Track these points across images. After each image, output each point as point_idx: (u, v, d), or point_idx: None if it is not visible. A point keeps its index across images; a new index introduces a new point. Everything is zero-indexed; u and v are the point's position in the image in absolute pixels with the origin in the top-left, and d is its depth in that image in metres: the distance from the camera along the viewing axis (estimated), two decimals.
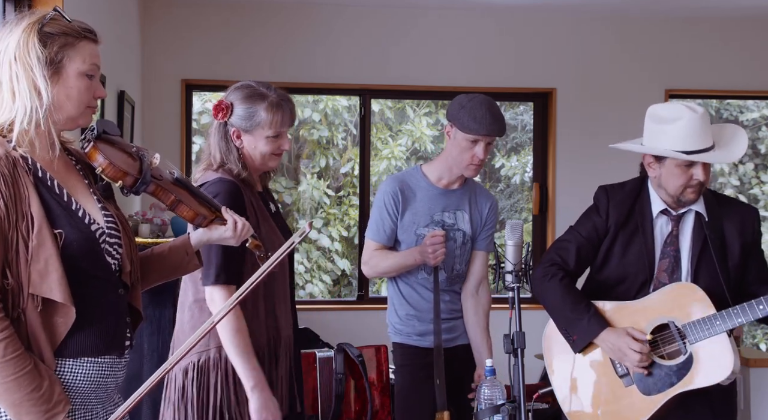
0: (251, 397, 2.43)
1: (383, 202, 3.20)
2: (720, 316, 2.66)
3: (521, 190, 8.20)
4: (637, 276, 2.82)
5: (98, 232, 1.87)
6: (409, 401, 3.20)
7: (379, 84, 5.83)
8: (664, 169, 2.76)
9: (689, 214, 2.83)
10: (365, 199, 5.94)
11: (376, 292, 6.32)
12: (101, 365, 1.87)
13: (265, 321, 2.52)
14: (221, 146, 2.58)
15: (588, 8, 5.76)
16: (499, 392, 2.54)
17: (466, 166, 3.13)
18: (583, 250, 2.88)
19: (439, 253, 3.05)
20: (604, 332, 2.76)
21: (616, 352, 2.75)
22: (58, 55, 1.84)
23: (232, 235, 2.10)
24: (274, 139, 2.58)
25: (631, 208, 2.86)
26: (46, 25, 1.84)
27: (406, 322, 3.23)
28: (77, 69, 1.86)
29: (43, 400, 1.75)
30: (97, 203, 1.93)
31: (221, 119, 2.58)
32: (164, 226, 4.43)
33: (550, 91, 5.95)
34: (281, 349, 2.55)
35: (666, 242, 2.82)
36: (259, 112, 2.55)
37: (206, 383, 2.48)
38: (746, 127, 8.89)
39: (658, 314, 2.76)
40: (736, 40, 6.01)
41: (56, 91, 1.85)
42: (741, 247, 2.80)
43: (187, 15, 5.65)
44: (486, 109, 3.05)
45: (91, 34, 1.91)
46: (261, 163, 2.61)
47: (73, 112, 1.88)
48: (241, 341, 2.42)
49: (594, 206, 2.93)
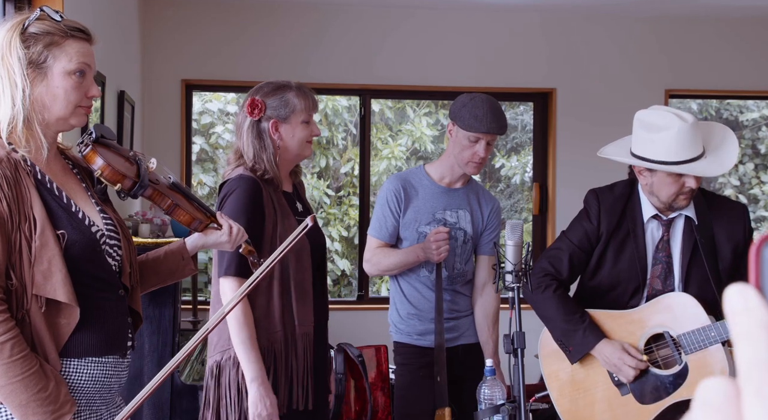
0: (249, 389, 2.46)
1: (386, 199, 3.22)
2: (715, 327, 2.65)
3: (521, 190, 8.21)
4: (630, 282, 2.82)
5: (98, 234, 1.88)
6: (408, 400, 3.21)
7: (379, 84, 5.83)
8: (656, 178, 2.73)
9: (679, 219, 2.83)
10: (365, 199, 5.94)
11: (376, 292, 6.32)
12: (105, 365, 1.88)
13: (281, 317, 2.54)
14: (255, 145, 2.61)
15: (588, 8, 5.76)
16: (499, 392, 2.54)
17: (466, 163, 3.15)
18: (576, 258, 2.87)
19: (443, 250, 3.06)
20: (599, 344, 2.75)
21: (611, 365, 2.75)
22: (41, 55, 1.82)
23: (227, 239, 2.12)
24: (306, 124, 2.66)
25: (622, 213, 2.84)
26: (30, 25, 1.83)
27: (407, 321, 3.24)
28: (63, 68, 1.84)
29: (49, 400, 1.76)
30: (95, 206, 1.94)
31: (256, 116, 2.61)
32: (164, 226, 4.43)
33: (550, 91, 5.95)
34: (299, 346, 2.57)
35: (658, 248, 2.82)
36: (291, 98, 2.63)
37: (224, 381, 2.53)
38: (746, 127, 8.89)
39: (653, 324, 2.76)
40: (736, 40, 6.02)
41: (40, 92, 1.83)
42: (732, 248, 2.79)
43: (187, 15, 5.65)
44: (488, 108, 3.07)
45: (80, 33, 1.88)
46: (298, 152, 2.68)
47: (62, 112, 1.86)
48: (244, 333, 2.46)
49: (585, 211, 2.90)
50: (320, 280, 2.72)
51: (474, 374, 3.22)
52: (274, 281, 2.54)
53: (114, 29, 4.76)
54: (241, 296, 2.00)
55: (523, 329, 2.56)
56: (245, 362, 2.47)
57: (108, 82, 4.30)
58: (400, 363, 3.27)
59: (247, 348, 2.46)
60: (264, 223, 2.55)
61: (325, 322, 2.75)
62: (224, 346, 2.54)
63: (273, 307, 2.53)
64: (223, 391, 2.53)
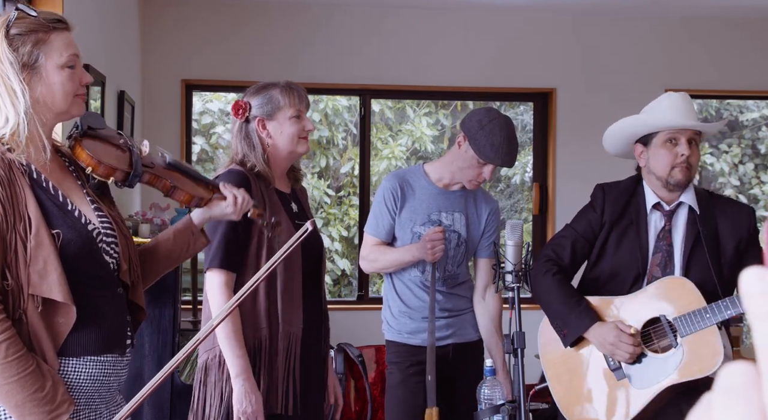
0: (234, 385, 2.43)
1: (383, 197, 3.22)
2: (710, 309, 2.67)
3: (521, 190, 8.21)
4: (630, 270, 2.84)
5: (94, 232, 1.88)
6: (398, 398, 3.21)
7: (379, 84, 5.83)
8: (651, 152, 2.83)
9: (682, 209, 2.87)
10: (365, 199, 5.94)
11: (376, 292, 6.31)
12: (103, 364, 1.88)
13: (266, 316, 2.53)
14: (243, 145, 2.63)
15: (588, 8, 5.76)
16: (499, 392, 2.54)
17: (468, 180, 3.15)
18: (578, 245, 2.92)
19: (437, 250, 3.05)
20: (594, 326, 2.77)
21: (606, 346, 2.76)
22: (32, 55, 1.82)
23: (232, 210, 2.12)
24: (297, 119, 2.64)
25: (626, 204, 2.90)
26: (12, 26, 1.81)
27: (399, 320, 3.24)
28: (55, 63, 1.84)
29: (46, 400, 1.75)
30: (91, 204, 1.93)
31: (241, 118, 2.63)
32: (164, 226, 4.43)
33: (550, 91, 5.95)
34: (280, 346, 2.54)
35: (659, 237, 2.85)
36: (275, 95, 2.63)
37: (210, 381, 2.52)
38: (746, 127, 8.89)
39: (649, 308, 2.78)
40: (736, 40, 6.02)
41: (40, 91, 1.83)
42: (736, 244, 2.82)
43: (187, 15, 5.65)
44: (505, 137, 3.04)
45: (60, 23, 1.87)
46: (290, 149, 2.65)
47: (62, 105, 1.87)
48: (229, 327, 2.43)
49: (590, 203, 2.98)
50: (315, 284, 2.70)
51: (464, 373, 3.21)
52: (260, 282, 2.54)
53: (114, 29, 4.76)
54: (233, 306, 1.96)
55: (523, 329, 2.56)
56: (230, 357, 2.44)
57: (108, 82, 4.30)
58: (391, 361, 3.28)
59: (231, 343, 2.44)
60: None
61: (319, 327, 2.70)
62: (210, 345, 2.52)
63: (259, 303, 2.51)
64: (209, 391, 2.51)
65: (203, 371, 2.55)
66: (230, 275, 2.50)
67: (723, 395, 0.42)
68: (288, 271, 2.56)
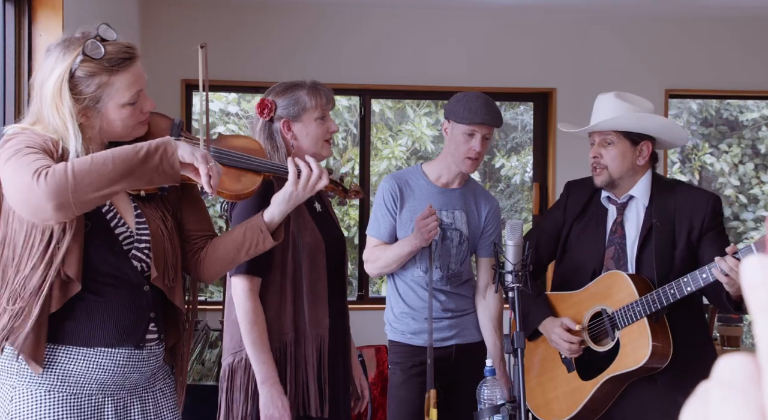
0: (261, 391, 2.43)
1: (382, 198, 3.22)
2: (640, 303, 2.73)
3: (521, 190, 8.21)
4: (589, 264, 2.92)
5: (122, 236, 1.95)
6: (400, 398, 3.21)
7: (379, 84, 5.83)
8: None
9: (634, 202, 2.92)
10: (365, 200, 5.94)
11: (376, 292, 6.32)
12: (115, 355, 1.93)
13: (293, 318, 2.52)
14: (267, 145, 2.59)
15: (588, 8, 5.76)
16: (499, 392, 2.54)
17: (462, 159, 3.14)
18: (542, 243, 3.03)
19: (431, 227, 3.03)
20: (545, 321, 2.92)
21: (553, 342, 2.89)
22: (94, 99, 1.88)
23: (292, 189, 2.17)
24: (322, 121, 2.62)
25: (589, 200, 3.00)
26: (77, 69, 1.86)
27: (401, 320, 3.25)
28: (117, 103, 1.90)
29: (147, 149, 1.82)
30: (134, 210, 2.00)
31: (266, 117, 2.60)
32: None
33: (550, 91, 5.95)
34: (308, 349, 2.53)
35: (612, 230, 2.92)
36: (302, 96, 2.60)
37: (236, 384, 2.52)
38: (746, 127, 8.89)
39: (594, 302, 2.87)
40: (736, 40, 6.01)
41: (99, 124, 1.91)
42: (688, 232, 2.82)
43: (186, 15, 5.65)
44: (482, 101, 3.11)
45: (127, 60, 1.93)
46: (315, 151, 2.60)
47: (121, 134, 1.96)
48: (255, 333, 2.44)
49: (557, 201, 3.12)
50: (339, 282, 2.70)
51: (468, 375, 3.21)
52: (286, 281, 2.52)
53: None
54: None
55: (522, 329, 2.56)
56: (256, 363, 2.44)
57: None
58: (393, 361, 3.28)
59: (257, 348, 2.43)
60: None
61: (344, 325, 2.71)
62: (236, 347, 2.52)
63: (285, 307, 2.51)
64: (235, 394, 2.51)
65: (229, 372, 2.54)
66: (256, 280, 2.49)
67: (721, 388, 0.41)
68: (313, 272, 2.55)
